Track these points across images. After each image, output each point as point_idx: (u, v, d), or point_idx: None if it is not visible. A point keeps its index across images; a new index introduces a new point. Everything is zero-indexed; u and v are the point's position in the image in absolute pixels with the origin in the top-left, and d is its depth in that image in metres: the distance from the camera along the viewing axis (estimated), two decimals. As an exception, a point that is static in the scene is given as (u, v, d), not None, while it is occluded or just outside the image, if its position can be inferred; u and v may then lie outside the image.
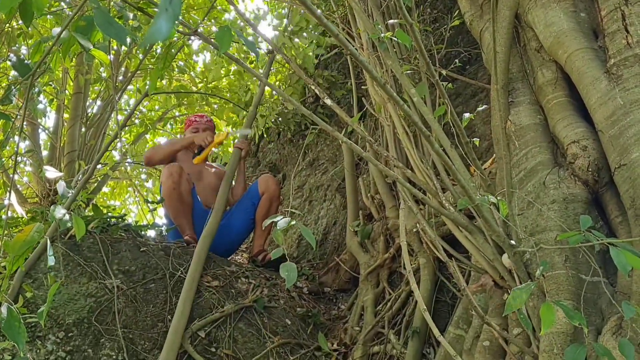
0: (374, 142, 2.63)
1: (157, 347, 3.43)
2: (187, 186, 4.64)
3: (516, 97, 3.25)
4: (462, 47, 4.76)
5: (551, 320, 1.82)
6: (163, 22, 1.05)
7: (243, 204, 4.90)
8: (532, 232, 2.84)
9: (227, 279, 4.03)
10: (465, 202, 2.47)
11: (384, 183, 4.45)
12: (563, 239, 2.13)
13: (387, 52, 3.43)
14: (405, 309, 3.80)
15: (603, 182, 2.82)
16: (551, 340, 2.45)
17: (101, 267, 3.69)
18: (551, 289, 2.59)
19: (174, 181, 4.56)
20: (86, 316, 3.41)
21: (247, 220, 4.88)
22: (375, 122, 4.90)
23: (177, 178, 4.57)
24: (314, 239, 2.26)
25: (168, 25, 1.05)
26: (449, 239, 3.48)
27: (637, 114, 2.59)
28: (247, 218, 4.87)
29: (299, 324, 3.97)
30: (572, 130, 2.94)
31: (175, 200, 4.59)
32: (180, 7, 1.08)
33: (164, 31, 1.05)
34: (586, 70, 2.86)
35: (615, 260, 1.81)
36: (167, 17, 1.06)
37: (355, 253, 4.48)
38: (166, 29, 1.04)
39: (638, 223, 2.49)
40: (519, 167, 3.08)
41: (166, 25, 1.05)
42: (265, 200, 4.80)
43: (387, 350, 3.61)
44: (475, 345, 2.93)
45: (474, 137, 3.17)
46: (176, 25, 2.18)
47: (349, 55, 5.17)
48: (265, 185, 4.84)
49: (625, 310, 1.83)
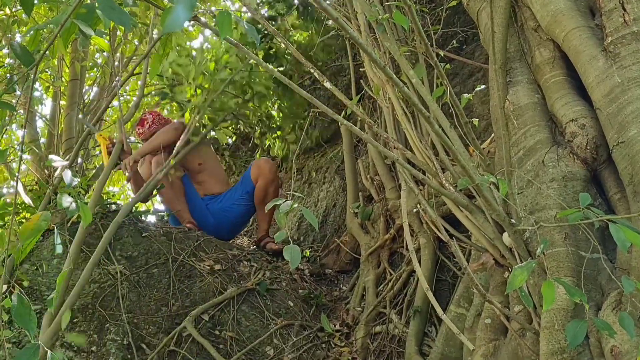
0: (373, 124, 2.65)
1: (162, 331, 3.46)
2: (179, 173, 4.65)
3: (514, 77, 3.26)
4: (459, 27, 4.75)
5: (552, 298, 1.85)
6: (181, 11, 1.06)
7: (237, 191, 4.90)
8: (531, 211, 2.86)
9: (229, 263, 4.06)
10: (465, 181, 2.49)
11: (383, 164, 4.46)
12: (562, 216, 2.16)
13: (385, 34, 3.44)
14: (407, 288, 3.83)
15: (601, 160, 2.85)
16: (552, 316, 2.48)
17: (104, 254, 3.71)
18: (551, 267, 2.62)
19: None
20: (90, 302, 3.44)
21: (245, 207, 4.88)
22: (373, 104, 4.90)
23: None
24: (315, 220, 2.28)
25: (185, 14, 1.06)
26: (449, 219, 3.50)
27: (635, 92, 2.61)
28: (244, 204, 4.87)
29: (302, 306, 4.00)
30: (570, 108, 2.96)
31: (165, 189, 4.59)
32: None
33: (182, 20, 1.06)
34: (583, 48, 2.87)
35: (615, 236, 1.83)
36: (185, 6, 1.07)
37: (356, 234, 4.50)
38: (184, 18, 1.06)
39: (637, 200, 2.52)
40: (517, 146, 3.10)
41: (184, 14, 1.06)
42: (261, 186, 4.77)
43: (389, 330, 3.65)
44: (476, 323, 2.97)
45: (472, 117, 3.18)
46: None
47: (346, 38, 5.16)
48: (258, 171, 4.82)
49: (624, 285, 1.85)
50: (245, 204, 4.87)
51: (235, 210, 4.87)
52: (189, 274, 3.85)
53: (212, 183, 4.99)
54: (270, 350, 3.55)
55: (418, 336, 3.45)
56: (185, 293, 3.71)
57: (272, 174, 4.84)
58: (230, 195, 4.92)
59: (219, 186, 5.01)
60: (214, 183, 5.00)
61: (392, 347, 3.58)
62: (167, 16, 1.07)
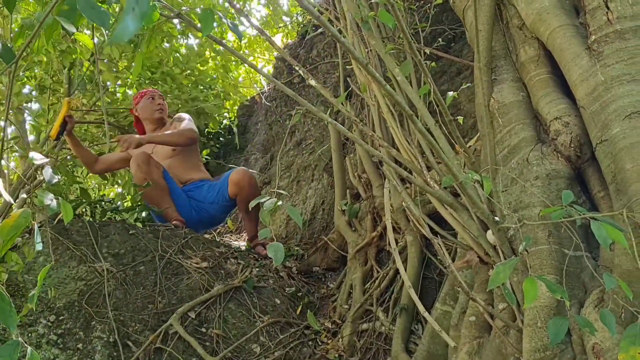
0: (360, 122, 2.65)
1: (148, 328, 3.46)
2: (158, 171, 4.59)
3: (499, 75, 3.27)
4: (447, 25, 4.76)
5: (534, 295, 1.85)
6: (130, 21, 1.06)
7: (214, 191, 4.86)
8: (515, 209, 2.87)
9: (217, 260, 4.06)
10: (449, 179, 2.50)
11: (371, 162, 4.47)
12: (546, 214, 2.17)
13: (371, 32, 3.44)
14: (393, 286, 3.84)
15: (585, 158, 2.86)
16: (535, 314, 2.49)
17: (90, 251, 3.70)
18: (535, 264, 2.63)
19: (143, 171, 4.50)
20: (77, 299, 3.43)
21: (226, 207, 4.88)
22: (361, 101, 4.91)
23: (145, 167, 4.50)
24: (300, 219, 2.29)
25: (135, 25, 1.05)
26: (435, 217, 3.51)
27: (618, 90, 2.62)
28: (225, 205, 4.86)
29: (289, 303, 4.01)
30: (554, 106, 2.97)
31: (150, 190, 4.54)
32: (147, 5, 1.08)
33: (131, 30, 1.05)
34: (567, 47, 2.88)
35: (597, 234, 1.84)
36: (134, 17, 1.06)
37: (343, 232, 4.51)
38: (133, 28, 1.05)
39: (619, 197, 2.53)
40: (502, 144, 3.11)
41: (133, 25, 1.06)
42: (242, 198, 4.73)
43: (375, 328, 3.66)
44: (462, 321, 2.97)
45: (459, 115, 3.19)
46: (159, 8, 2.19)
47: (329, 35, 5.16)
48: (237, 188, 4.76)
49: (606, 282, 1.86)
50: (225, 204, 4.86)
51: (214, 209, 4.86)
52: (176, 271, 3.84)
53: (186, 169, 4.96)
54: (257, 348, 3.55)
55: (404, 334, 3.46)
56: (172, 290, 3.71)
57: (253, 188, 4.78)
58: (211, 191, 4.88)
59: (194, 172, 4.98)
60: (189, 169, 4.98)
61: (378, 345, 3.59)
62: (117, 26, 1.06)
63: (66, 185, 4.07)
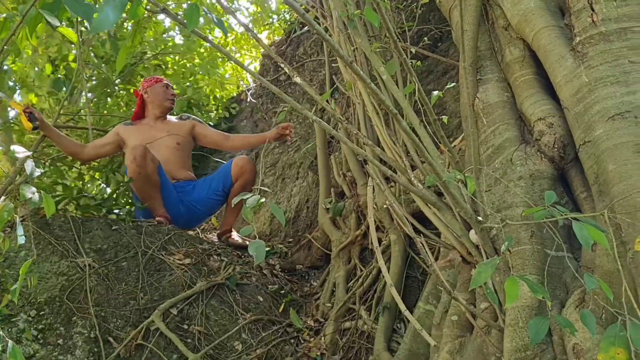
0: (344, 120, 2.65)
1: (130, 324, 3.44)
2: (153, 166, 4.49)
3: (484, 75, 3.28)
4: (434, 24, 4.77)
5: (515, 295, 1.86)
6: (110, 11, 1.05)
7: (213, 184, 4.86)
8: (499, 208, 2.88)
9: (199, 257, 4.04)
10: (433, 179, 2.50)
11: (356, 160, 4.47)
12: (528, 214, 2.17)
13: (357, 30, 3.44)
14: (376, 285, 3.84)
15: (569, 159, 2.87)
16: (516, 314, 2.50)
17: (72, 246, 3.67)
18: (517, 264, 2.64)
19: (138, 164, 4.41)
20: (58, 294, 3.40)
21: (219, 202, 4.85)
22: (347, 99, 4.91)
23: (140, 161, 4.41)
24: (283, 217, 2.29)
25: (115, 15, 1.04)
26: (419, 216, 3.51)
27: (602, 92, 2.63)
28: (219, 200, 4.84)
29: (271, 301, 4.00)
30: (538, 107, 2.98)
31: (142, 183, 4.46)
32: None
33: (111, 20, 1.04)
34: (552, 48, 2.89)
35: (578, 234, 1.85)
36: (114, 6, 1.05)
37: (327, 230, 4.50)
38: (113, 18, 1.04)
39: (602, 199, 2.54)
40: (487, 144, 3.12)
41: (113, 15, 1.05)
42: (241, 184, 4.73)
43: (358, 326, 3.66)
44: (444, 320, 2.98)
45: (445, 115, 3.20)
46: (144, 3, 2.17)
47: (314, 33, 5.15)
48: (240, 171, 4.77)
49: (587, 283, 1.87)
50: (220, 200, 4.83)
51: (209, 204, 4.83)
52: (159, 267, 3.82)
53: (181, 166, 4.94)
54: (239, 345, 3.54)
55: (387, 332, 3.46)
56: (154, 287, 3.69)
57: (253, 175, 4.81)
58: (204, 186, 4.87)
59: (184, 172, 4.96)
60: (183, 166, 4.96)
61: (360, 343, 3.59)
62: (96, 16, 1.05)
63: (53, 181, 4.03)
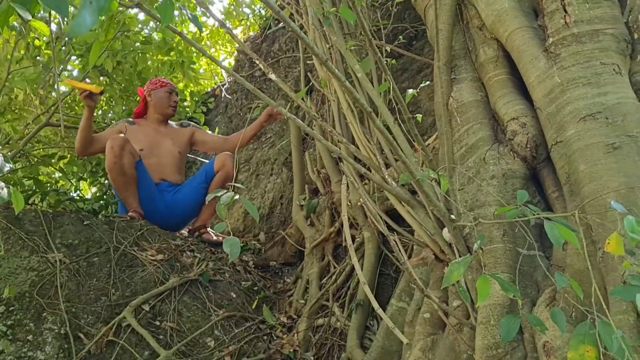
0: (319, 118, 2.65)
1: (101, 320, 3.41)
2: (130, 159, 4.48)
3: (459, 74, 3.30)
4: (409, 22, 4.78)
5: (487, 293, 1.87)
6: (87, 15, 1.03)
7: (197, 179, 4.86)
8: (471, 207, 2.90)
9: (172, 253, 4.01)
10: (406, 177, 2.51)
11: (330, 158, 4.47)
12: (501, 213, 2.19)
13: (332, 28, 3.44)
14: (350, 282, 3.84)
15: (541, 159, 2.90)
16: (488, 312, 2.52)
17: (43, 241, 3.63)
18: (489, 262, 2.67)
19: (114, 154, 4.42)
20: (28, 290, 3.37)
21: (200, 197, 4.83)
22: (322, 96, 4.90)
23: (118, 151, 4.41)
24: (257, 213, 2.28)
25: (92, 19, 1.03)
26: (393, 214, 3.52)
27: (574, 93, 2.66)
28: (199, 194, 4.81)
29: (244, 297, 3.98)
30: (511, 107, 3.00)
31: (116, 174, 4.46)
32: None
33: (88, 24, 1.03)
34: (526, 48, 2.92)
35: (549, 234, 1.86)
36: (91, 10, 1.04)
37: (301, 227, 4.50)
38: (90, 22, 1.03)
39: (573, 198, 2.57)
40: (460, 143, 3.14)
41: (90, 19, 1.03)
42: (220, 177, 4.72)
43: (331, 323, 3.66)
44: (417, 317, 2.99)
45: (419, 113, 3.21)
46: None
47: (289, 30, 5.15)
48: (222, 164, 4.76)
49: (558, 281, 1.88)
50: (202, 194, 4.80)
51: (194, 198, 4.80)
52: (131, 263, 3.79)
53: (172, 168, 4.93)
54: (211, 342, 3.53)
55: (360, 330, 3.46)
56: (126, 283, 3.66)
57: (233, 169, 4.79)
58: (188, 185, 4.87)
59: (177, 175, 4.95)
60: (176, 172, 4.95)
61: (333, 340, 3.60)
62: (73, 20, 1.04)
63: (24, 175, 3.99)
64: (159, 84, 5.05)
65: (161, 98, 5.01)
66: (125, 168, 4.44)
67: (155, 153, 4.85)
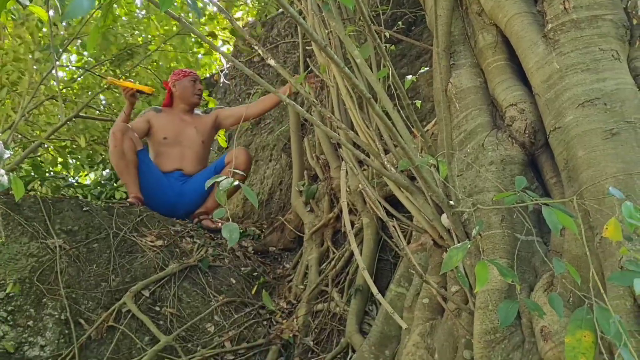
0: (318, 104, 2.65)
1: (101, 306, 3.43)
2: (130, 144, 4.58)
3: (457, 60, 3.30)
4: (408, 8, 4.77)
5: (485, 278, 1.88)
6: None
7: (207, 171, 4.87)
8: (470, 193, 2.91)
9: (172, 239, 4.03)
10: (405, 163, 2.52)
11: (329, 143, 4.47)
12: (499, 199, 2.20)
13: (331, 13, 3.43)
14: (349, 267, 3.85)
15: (539, 145, 2.90)
16: (486, 297, 2.53)
17: (43, 227, 3.65)
18: (487, 248, 2.68)
19: (115, 139, 4.56)
20: (28, 276, 3.38)
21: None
22: (321, 82, 4.89)
23: (119, 136, 4.54)
24: (256, 199, 2.28)
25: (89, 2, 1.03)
26: (392, 200, 3.52)
27: (572, 79, 2.66)
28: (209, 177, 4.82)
29: (244, 283, 4.00)
30: (510, 93, 3.00)
31: (117, 158, 4.57)
32: (102, -18, 1.06)
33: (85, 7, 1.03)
34: (525, 34, 2.91)
35: (547, 219, 1.87)
36: None
37: (300, 213, 4.51)
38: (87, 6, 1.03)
39: (571, 184, 2.58)
40: (459, 129, 3.14)
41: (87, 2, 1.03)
42: (228, 169, 4.72)
43: (330, 308, 3.67)
44: (415, 303, 3.00)
45: (418, 99, 3.21)
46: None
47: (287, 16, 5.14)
48: (232, 157, 4.75)
49: (555, 267, 1.89)
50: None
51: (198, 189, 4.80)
52: (130, 249, 3.81)
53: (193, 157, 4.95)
54: (211, 327, 3.55)
55: (359, 315, 3.48)
56: (126, 268, 3.68)
57: (245, 164, 4.78)
58: (199, 176, 4.88)
59: (196, 166, 4.97)
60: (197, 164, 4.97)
61: (333, 325, 3.61)
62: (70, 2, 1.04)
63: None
64: (182, 74, 5.10)
65: (185, 87, 5.05)
66: (125, 153, 4.54)
67: (178, 141, 4.93)
